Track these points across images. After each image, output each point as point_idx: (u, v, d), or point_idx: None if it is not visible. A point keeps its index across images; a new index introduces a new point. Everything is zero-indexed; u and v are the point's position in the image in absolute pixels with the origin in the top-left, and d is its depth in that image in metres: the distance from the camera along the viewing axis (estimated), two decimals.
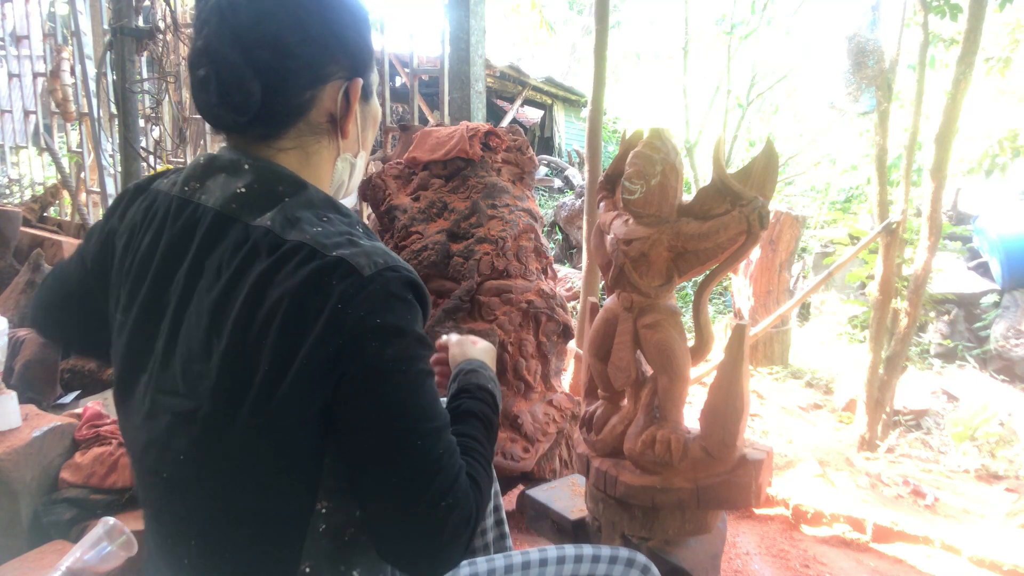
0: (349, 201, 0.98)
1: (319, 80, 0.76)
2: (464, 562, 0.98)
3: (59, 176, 4.62)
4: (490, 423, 0.89)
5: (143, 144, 3.42)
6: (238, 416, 0.68)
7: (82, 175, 4.37)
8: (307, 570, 0.74)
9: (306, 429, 0.69)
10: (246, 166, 0.76)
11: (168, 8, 3.20)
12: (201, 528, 0.74)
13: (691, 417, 1.30)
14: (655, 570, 1.01)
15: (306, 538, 0.74)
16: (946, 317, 4.82)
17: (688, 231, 1.21)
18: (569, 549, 1.00)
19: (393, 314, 0.69)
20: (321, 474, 0.72)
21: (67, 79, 4.16)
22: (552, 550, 1.00)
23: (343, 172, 0.85)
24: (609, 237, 1.34)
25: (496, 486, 1.33)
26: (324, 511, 0.74)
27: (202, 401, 0.69)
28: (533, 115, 13.20)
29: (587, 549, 1.00)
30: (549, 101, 12.55)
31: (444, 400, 1.25)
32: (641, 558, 1.00)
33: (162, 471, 0.74)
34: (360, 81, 0.80)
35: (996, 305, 4.61)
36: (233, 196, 0.74)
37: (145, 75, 3.50)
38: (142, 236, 0.78)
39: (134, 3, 3.19)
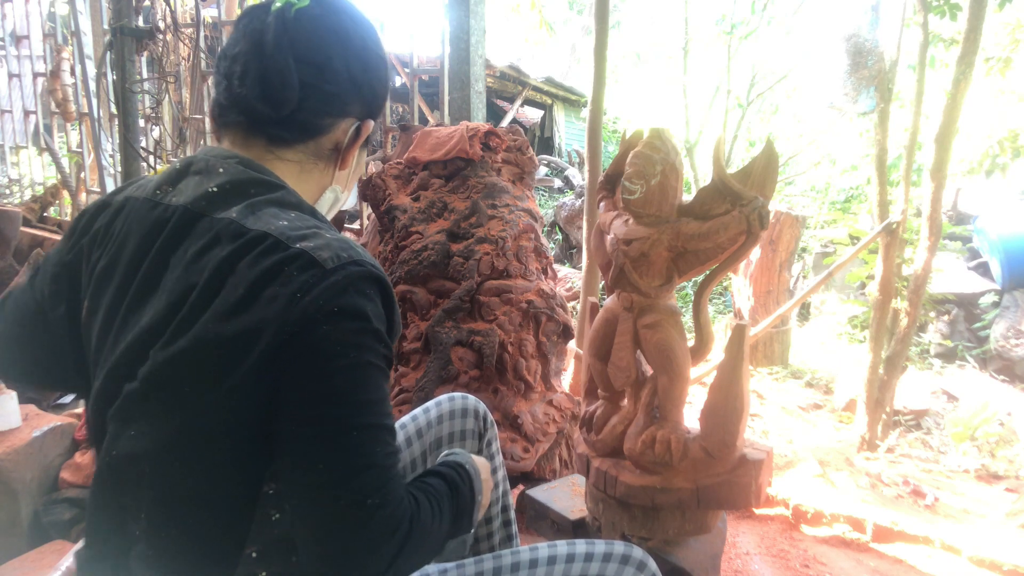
0: (349, 202, 0.99)
1: (341, 112, 0.84)
2: (452, 564, 0.96)
3: (59, 176, 4.62)
4: (456, 487, 0.85)
5: (143, 144, 3.42)
6: (188, 399, 0.68)
7: (82, 175, 4.37)
8: (253, 555, 0.74)
9: (254, 416, 0.68)
10: (220, 169, 0.77)
11: (168, 8, 3.20)
12: (149, 507, 0.74)
13: (691, 417, 1.30)
14: (652, 564, 0.99)
15: (253, 522, 0.72)
16: (946, 317, 4.82)
17: (688, 231, 1.21)
18: (561, 547, 0.98)
19: (351, 301, 0.69)
20: (267, 461, 0.71)
21: (67, 79, 4.16)
22: (543, 548, 0.98)
23: (328, 200, 0.90)
24: (609, 237, 1.34)
25: (506, 485, 1.33)
26: (272, 493, 0.73)
27: (154, 383, 0.69)
28: (533, 115, 13.20)
29: (580, 546, 0.98)
30: (549, 101, 12.55)
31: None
32: (637, 552, 0.98)
33: (112, 449, 0.75)
34: (372, 123, 0.88)
35: (996, 305, 4.61)
36: (203, 195, 0.75)
37: (145, 75, 3.50)
38: (111, 243, 0.78)
39: (134, 3, 3.18)
